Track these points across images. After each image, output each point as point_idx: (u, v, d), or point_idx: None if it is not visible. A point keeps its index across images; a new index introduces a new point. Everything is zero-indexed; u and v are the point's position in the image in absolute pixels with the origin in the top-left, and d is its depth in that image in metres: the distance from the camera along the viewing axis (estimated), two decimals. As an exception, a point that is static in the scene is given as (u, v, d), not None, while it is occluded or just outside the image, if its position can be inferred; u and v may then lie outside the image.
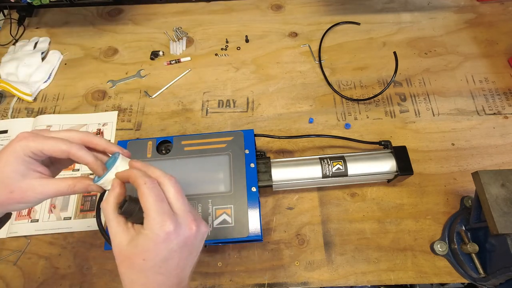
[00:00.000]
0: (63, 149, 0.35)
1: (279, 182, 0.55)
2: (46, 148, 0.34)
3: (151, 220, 0.32)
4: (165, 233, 0.32)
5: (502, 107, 0.69)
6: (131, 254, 0.32)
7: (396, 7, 0.84)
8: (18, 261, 0.58)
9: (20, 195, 0.34)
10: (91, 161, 0.36)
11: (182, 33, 0.82)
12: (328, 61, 0.77)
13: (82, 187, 0.36)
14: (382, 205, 0.60)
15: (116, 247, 0.33)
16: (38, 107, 0.73)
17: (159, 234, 0.32)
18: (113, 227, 0.34)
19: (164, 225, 0.32)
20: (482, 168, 0.62)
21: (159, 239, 0.32)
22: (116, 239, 0.33)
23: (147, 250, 0.32)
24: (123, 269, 0.33)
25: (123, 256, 0.33)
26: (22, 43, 0.81)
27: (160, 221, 0.32)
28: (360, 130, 0.67)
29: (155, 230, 0.32)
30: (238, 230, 0.50)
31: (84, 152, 0.36)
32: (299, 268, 0.56)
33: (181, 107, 0.72)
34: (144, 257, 0.32)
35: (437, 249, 0.55)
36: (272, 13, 0.85)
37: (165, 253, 0.32)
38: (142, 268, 0.32)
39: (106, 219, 0.34)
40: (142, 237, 0.32)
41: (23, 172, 0.34)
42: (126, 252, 0.33)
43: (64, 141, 0.35)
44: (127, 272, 0.33)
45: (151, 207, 0.32)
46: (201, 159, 0.54)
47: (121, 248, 0.33)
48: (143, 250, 0.32)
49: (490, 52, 0.76)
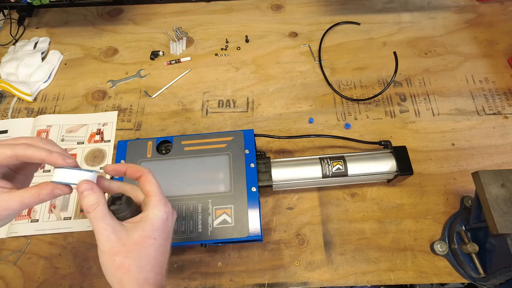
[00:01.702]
0: (8, 154, 0.33)
1: (279, 182, 0.55)
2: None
3: (157, 201, 0.36)
4: (167, 212, 0.36)
5: (502, 107, 0.69)
6: (130, 242, 0.33)
7: (396, 7, 0.85)
8: (18, 261, 0.58)
9: None
10: (45, 155, 0.33)
11: (182, 33, 0.82)
12: (328, 61, 0.77)
13: (47, 193, 0.33)
14: (382, 205, 0.60)
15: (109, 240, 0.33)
16: (38, 107, 0.73)
17: (162, 217, 0.35)
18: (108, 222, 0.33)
19: (166, 205, 0.36)
20: (482, 168, 0.62)
21: (164, 217, 0.36)
22: (109, 233, 0.33)
23: (157, 229, 0.35)
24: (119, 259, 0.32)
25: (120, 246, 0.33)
26: (22, 43, 0.81)
27: (164, 202, 0.36)
28: (360, 130, 0.67)
29: (162, 209, 0.36)
30: (238, 230, 0.50)
31: (32, 150, 0.33)
32: (299, 268, 0.56)
33: (181, 107, 0.72)
34: (155, 236, 0.35)
35: (437, 249, 0.55)
36: (272, 13, 0.85)
37: (168, 230, 0.37)
38: (142, 253, 0.34)
39: (97, 218, 0.33)
40: (149, 220, 0.35)
41: None
42: (124, 241, 0.33)
43: (7, 145, 0.33)
44: (124, 261, 0.33)
45: (155, 189, 0.36)
46: (201, 159, 0.54)
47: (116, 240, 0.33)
48: (153, 229, 0.35)
49: (490, 52, 0.76)
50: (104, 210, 0.33)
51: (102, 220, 0.33)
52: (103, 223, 0.33)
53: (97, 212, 0.33)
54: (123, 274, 0.33)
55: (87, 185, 0.33)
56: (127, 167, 0.37)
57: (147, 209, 0.35)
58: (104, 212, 0.33)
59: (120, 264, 0.33)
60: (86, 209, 0.33)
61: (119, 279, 0.33)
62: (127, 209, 0.36)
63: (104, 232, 0.33)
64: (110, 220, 0.33)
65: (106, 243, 0.33)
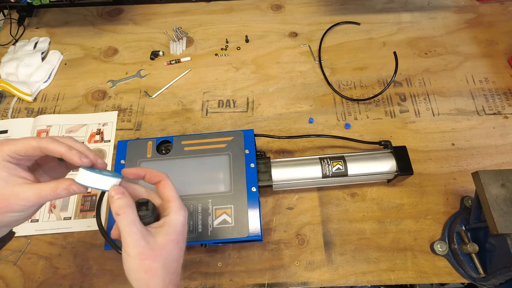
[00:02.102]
0: (33, 145, 0.34)
1: (279, 182, 0.55)
2: (18, 148, 0.34)
3: (177, 206, 0.37)
4: (185, 217, 0.38)
5: (502, 107, 0.69)
6: (156, 247, 0.34)
7: (396, 7, 0.85)
8: (18, 261, 0.58)
9: (4, 202, 0.33)
10: (64, 151, 0.35)
11: (182, 33, 0.82)
12: (328, 61, 0.77)
13: (63, 188, 0.34)
14: (382, 205, 0.60)
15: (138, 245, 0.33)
16: (38, 107, 0.73)
17: (181, 221, 0.37)
18: (137, 226, 0.34)
19: (184, 210, 0.38)
20: (482, 168, 0.62)
21: (183, 221, 0.37)
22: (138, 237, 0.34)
23: (179, 233, 0.37)
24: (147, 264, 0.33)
25: (148, 251, 0.34)
26: (22, 43, 0.81)
27: (182, 206, 0.38)
28: (360, 130, 0.67)
29: (182, 214, 0.37)
30: (238, 230, 0.50)
31: (55, 144, 0.35)
32: (299, 268, 0.56)
33: (181, 107, 0.72)
34: (178, 239, 0.36)
35: (437, 249, 0.55)
36: (272, 13, 0.85)
37: (185, 232, 0.38)
38: (167, 256, 0.35)
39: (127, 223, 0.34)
40: (171, 224, 0.36)
41: (5, 178, 0.33)
42: (151, 246, 0.34)
43: (34, 138, 0.35)
44: (152, 265, 0.34)
45: (175, 195, 0.38)
46: (201, 159, 0.54)
47: (144, 244, 0.34)
48: (176, 233, 0.36)
49: (490, 52, 0.76)
50: (134, 215, 0.34)
51: (132, 225, 0.34)
52: (134, 227, 0.34)
53: (128, 216, 0.34)
54: (151, 277, 0.34)
55: (119, 189, 0.35)
56: (146, 171, 0.38)
57: (168, 214, 0.37)
58: (134, 216, 0.34)
59: (149, 268, 0.34)
60: (116, 212, 0.34)
61: (146, 282, 0.34)
62: (152, 215, 0.37)
63: (134, 237, 0.33)
64: (139, 225, 0.34)
65: (135, 247, 0.33)
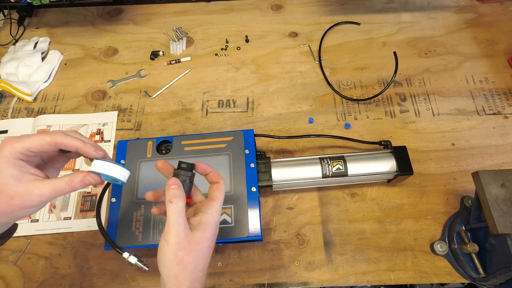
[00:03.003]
0: (48, 140, 0.35)
1: (279, 182, 0.55)
2: (33, 144, 0.34)
3: (218, 207, 0.39)
4: (218, 220, 0.39)
5: (502, 107, 0.69)
6: (193, 241, 0.36)
7: (396, 7, 0.85)
8: (18, 261, 0.57)
9: (19, 200, 0.34)
10: (80, 145, 0.36)
11: (182, 33, 0.82)
12: (328, 61, 0.77)
13: (79, 180, 0.35)
14: (382, 205, 0.60)
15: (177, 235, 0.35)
16: (38, 107, 0.73)
17: (216, 221, 0.38)
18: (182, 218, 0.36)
19: (219, 215, 0.40)
20: (482, 168, 0.62)
21: (217, 222, 0.39)
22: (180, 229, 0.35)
23: (214, 233, 0.38)
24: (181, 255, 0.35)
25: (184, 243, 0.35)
26: (22, 43, 0.81)
27: (220, 209, 0.39)
28: (360, 130, 0.67)
29: (216, 219, 0.39)
30: (238, 230, 0.50)
31: (70, 138, 0.36)
32: (299, 268, 0.56)
33: (181, 107, 0.72)
34: (212, 239, 0.38)
35: (437, 249, 0.55)
36: (272, 13, 0.85)
37: (216, 233, 0.39)
38: (200, 252, 0.36)
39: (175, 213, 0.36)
40: (209, 223, 0.37)
41: (18, 176, 0.34)
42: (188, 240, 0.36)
43: (47, 133, 0.35)
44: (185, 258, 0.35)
45: (222, 198, 0.40)
46: (201, 159, 0.54)
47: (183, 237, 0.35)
48: (212, 232, 0.38)
49: (490, 52, 0.76)
50: (183, 207, 0.36)
51: (180, 214, 0.36)
52: (180, 218, 0.35)
53: (179, 205, 0.36)
54: (181, 270, 0.35)
55: (176, 181, 0.38)
56: (212, 170, 0.41)
57: (207, 212, 0.38)
58: (183, 208, 0.36)
59: (181, 260, 0.35)
60: (170, 199, 0.36)
61: (175, 274, 0.35)
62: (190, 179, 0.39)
63: (178, 227, 0.35)
64: (184, 217, 0.36)
65: (176, 237, 0.35)
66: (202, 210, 0.39)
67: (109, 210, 0.53)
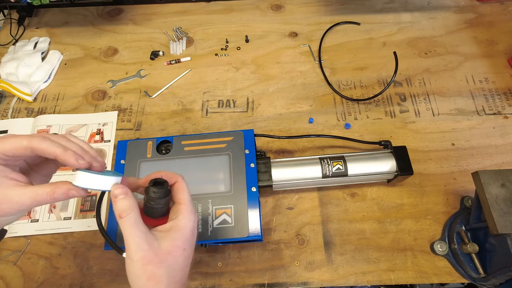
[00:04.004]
0: (24, 144, 0.31)
1: (279, 182, 0.55)
2: (6, 148, 0.31)
3: (188, 210, 0.35)
4: (195, 222, 0.36)
5: (502, 107, 0.69)
6: (161, 251, 0.33)
7: (396, 7, 0.85)
8: (18, 261, 0.57)
9: None
10: (59, 152, 0.32)
11: (182, 33, 0.82)
12: (328, 61, 0.77)
13: (62, 192, 0.32)
14: (382, 205, 0.60)
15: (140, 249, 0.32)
16: (38, 107, 0.73)
17: (190, 227, 0.35)
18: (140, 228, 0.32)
19: (195, 214, 0.36)
20: (482, 168, 0.62)
21: (192, 226, 0.35)
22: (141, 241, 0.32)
23: (187, 239, 0.35)
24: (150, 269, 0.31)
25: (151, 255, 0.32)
26: (22, 43, 0.81)
27: (193, 211, 0.36)
28: (360, 130, 0.67)
29: (188, 223, 0.35)
30: (238, 230, 0.50)
31: (48, 143, 0.31)
32: (299, 268, 0.56)
33: (181, 107, 0.72)
34: (185, 246, 0.34)
35: (437, 249, 0.55)
36: (272, 13, 0.85)
37: (194, 239, 0.36)
38: (172, 263, 0.33)
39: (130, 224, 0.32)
40: (174, 234, 0.34)
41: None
42: (155, 251, 0.32)
43: (25, 136, 0.31)
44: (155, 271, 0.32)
45: (187, 198, 0.36)
46: (201, 159, 0.54)
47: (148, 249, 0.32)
48: (184, 239, 0.34)
49: (490, 52, 0.76)
50: (137, 217, 0.33)
51: (135, 227, 0.32)
52: (137, 229, 0.32)
53: (131, 218, 0.32)
54: (154, 284, 0.32)
55: (121, 189, 0.33)
56: (161, 174, 0.37)
57: (177, 218, 0.35)
58: (137, 218, 0.32)
59: (152, 275, 0.32)
60: (119, 214, 0.32)
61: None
62: (164, 200, 0.35)
63: (136, 240, 0.32)
64: (142, 227, 0.33)
65: (137, 251, 0.31)
66: (170, 216, 0.36)
67: (109, 210, 0.53)
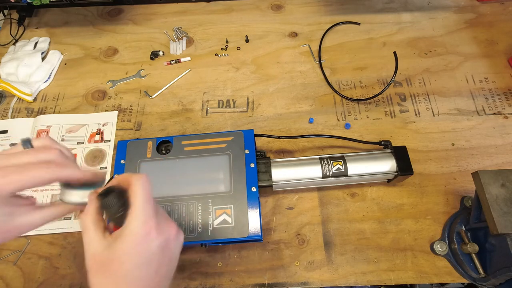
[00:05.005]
0: (46, 178, 0.31)
1: (279, 182, 0.55)
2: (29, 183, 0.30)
3: (134, 217, 0.31)
4: (145, 232, 0.31)
5: (502, 107, 0.69)
6: (107, 259, 0.30)
7: (396, 7, 0.85)
8: (18, 261, 0.58)
9: (13, 233, 0.32)
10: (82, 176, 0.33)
11: (182, 33, 0.82)
12: (328, 61, 0.77)
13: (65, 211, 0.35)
14: (382, 205, 0.60)
15: (90, 255, 0.31)
16: (38, 107, 0.73)
17: (139, 232, 0.30)
18: (90, 234, 0.32)
19: (146, 224, 0.31)
20: (482, 168, 0.62)
21: (139, 239, 0.30)
22: (90, 247, 0.31)
23: (127, 253, 0.30)
24: (97, 279, 0.30)
25: (98, 263, 0.31)
26: (22, 43, 0.81)
27: (143, 220, 0.31)
28: (360, 130, 0.67)
29: (136, 229, 0.30)
30: (238, 230, 0.50)
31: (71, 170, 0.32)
32: (299, 268, 0.56)
33: (181, 107, 0.72)
34: (123, 260, 0.30)
35: (437, 249, 0.55)
36: (272, 13, 0.85)
37: (145, 254, 0.31)
38: (120, 274, 0.30)
39: (83, 229, 0.32)
40: (121, 239, 0.30)
41: (10, 212, 0.31)
42: (102, 258, 0.30)
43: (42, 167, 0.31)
44: (102, 281, 0.30)
45: (139, 201, 0.31)
46: (201, 159, 0.54)
47: (96, 255, 0.31)
48: (123, 253, 0.30)
49: (490, 52, 0.76)
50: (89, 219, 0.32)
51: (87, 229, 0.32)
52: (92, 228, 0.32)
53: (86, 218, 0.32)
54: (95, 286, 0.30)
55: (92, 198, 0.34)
56: (117, 181, 0.35)
57: (126, 223, 0.31)
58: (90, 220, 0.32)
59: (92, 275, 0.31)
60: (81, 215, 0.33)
61: None
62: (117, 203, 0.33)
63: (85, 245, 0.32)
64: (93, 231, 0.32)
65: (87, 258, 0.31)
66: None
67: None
